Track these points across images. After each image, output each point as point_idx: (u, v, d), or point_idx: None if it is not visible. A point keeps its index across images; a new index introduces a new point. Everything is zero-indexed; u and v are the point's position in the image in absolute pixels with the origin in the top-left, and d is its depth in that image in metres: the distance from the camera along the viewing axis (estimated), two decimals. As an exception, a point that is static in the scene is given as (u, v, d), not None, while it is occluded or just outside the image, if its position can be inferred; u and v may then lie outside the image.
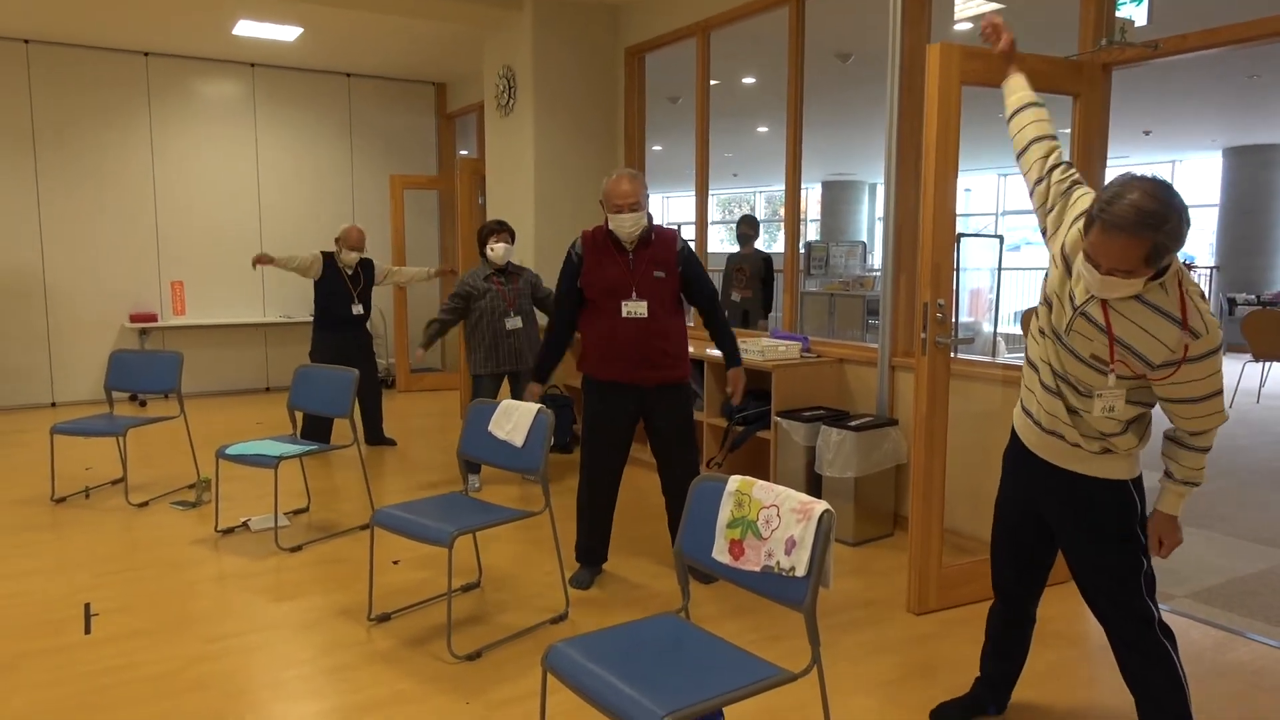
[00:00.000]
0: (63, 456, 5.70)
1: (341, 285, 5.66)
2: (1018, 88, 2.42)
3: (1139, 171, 1.90)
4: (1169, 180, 1.87)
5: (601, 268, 3.41)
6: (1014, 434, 2.36)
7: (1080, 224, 2.05)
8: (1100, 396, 2.04)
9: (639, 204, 3.33)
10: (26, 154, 7.21)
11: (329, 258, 5.67)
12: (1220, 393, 1.99)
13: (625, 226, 3.35)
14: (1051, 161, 2.26)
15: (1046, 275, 2.15)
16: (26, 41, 7.10)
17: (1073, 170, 2.23)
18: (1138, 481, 2.18)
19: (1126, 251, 1.82)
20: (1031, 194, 2.28)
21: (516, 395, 4.99)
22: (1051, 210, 2.19)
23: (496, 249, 4.85)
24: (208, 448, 5.88)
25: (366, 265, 5.82)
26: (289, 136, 8.22)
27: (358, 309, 5.70)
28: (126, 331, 7.68)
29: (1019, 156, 2.35)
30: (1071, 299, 2.05)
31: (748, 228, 6.71)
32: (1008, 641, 2.49)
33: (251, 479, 5.17)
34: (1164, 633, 2.16)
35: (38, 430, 6.54)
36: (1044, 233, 2.21)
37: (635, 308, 3.38)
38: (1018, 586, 2.42)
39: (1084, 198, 2.13)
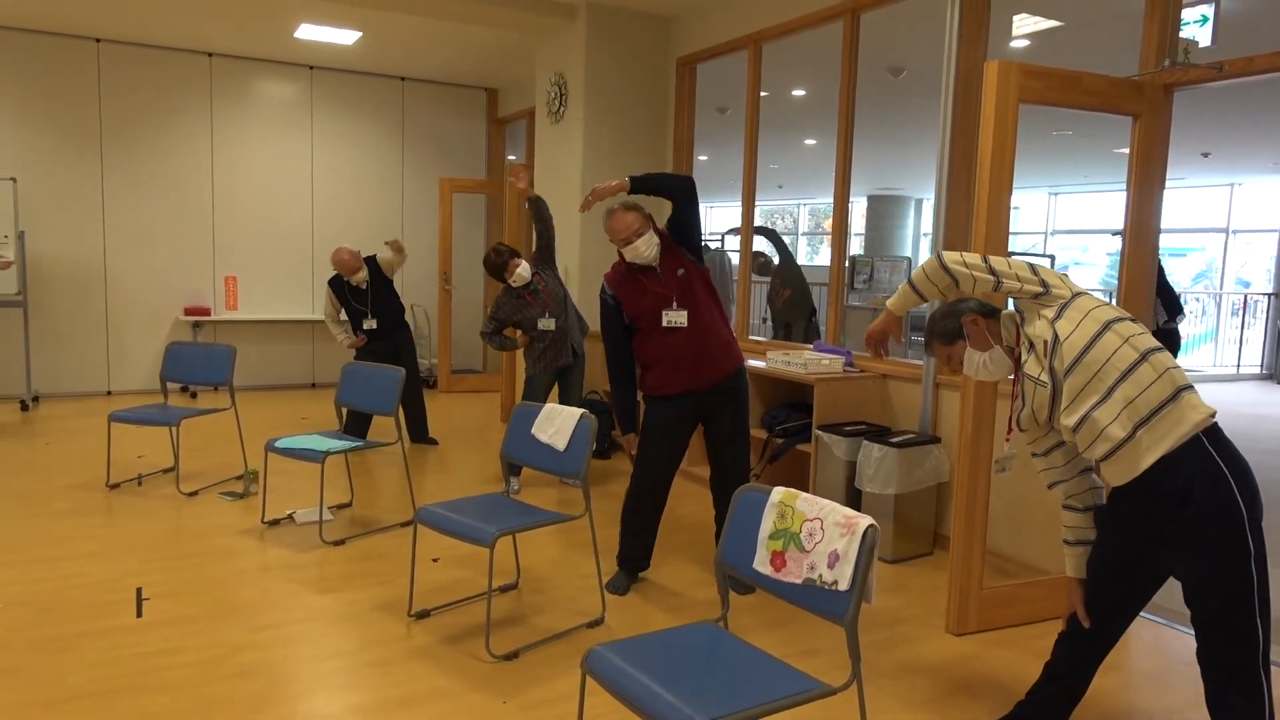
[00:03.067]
0: (117, 444, 5.86)
1: (351, 305, 5.69)
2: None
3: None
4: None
5: (641, 296, 3.43)
6: (1113, 494, 2.28)
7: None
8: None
9: (642, 229, 3.35)
10: (93, 149, 7.45)
11: (335, 283, 5.67)
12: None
13: (642, 253, 3.37)
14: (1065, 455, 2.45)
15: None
16: (98, 40, 7.34)
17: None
18: (1212, 435, 2.11)
19: (942, 357, 2.52)
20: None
21: (565, 391, 5.01)
22: (1043, 414, 2.37)
23: (519, 273, 4.82)
24: (255, 440, 6.01)
25: (375, 272, 5.76)
26: (343, 137, 8.39)
27: (370, 323, 5.69)
28: (180, 324, 7.88)
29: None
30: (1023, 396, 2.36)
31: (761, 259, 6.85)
32: (1075, 665, 2.41)
33: (296, 473, 5.27)
34: (1265, 668, 2.07)
35: (94, 418, 6.73)
36: (1051, 418, 2.35)
37: (675, 317, 3.41)
38: (1107, 630, 2.36)
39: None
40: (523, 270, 4.84)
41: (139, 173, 7.63)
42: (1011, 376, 2.44)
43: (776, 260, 7.08)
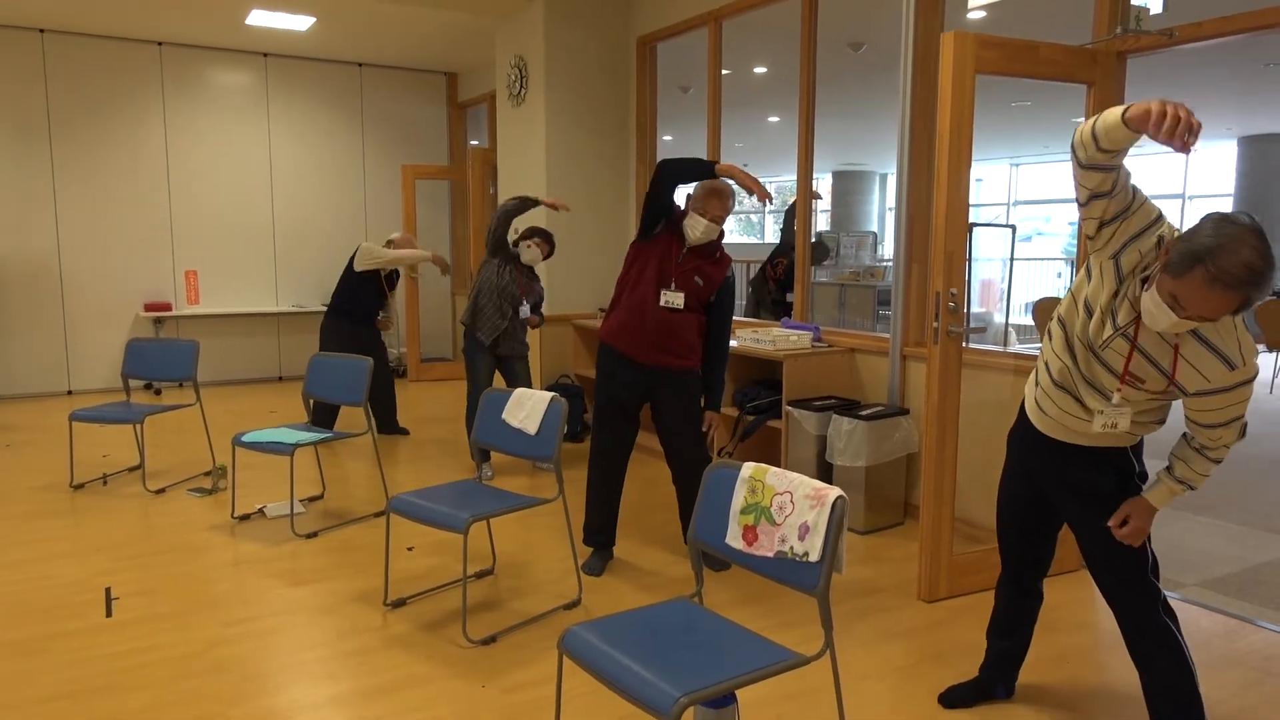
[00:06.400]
0: (80, 444, 5.76)
1: (378, 286, 5.77)
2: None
3: (1220, 211, 1.84)
4: (1257, 226, 1.79)
5: (663, 245, 3.47)
6: (1021, 414, 2.39)
7: (1154, 261, 1.94)
8: (1101, 414, 2.10)
9: (722, 218, 3.42)
10: (42, 143, 7.26)
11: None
12: (1242, 416, 2.01)
13: (697, 231, 3.41)
14: (1136, 191, 2.00)
15: (1089, 279, 2.07)
16: (41, 31, 7.14)
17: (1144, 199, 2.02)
18: (1136, 446, 2.23)
19: (1224, 306, 1.80)
20: (1098, 196, 1.97)
21: (511, 382, 5.02)
22: (1116, 222, 1.97)
23: (531, 250, 4.96)
24: (223, 436, 5.93)
25: (393, 272, 6.00)
26: (301, 126, 8.25)
27: (381, 312, 5.88)
28: (141, 320, 7.74)
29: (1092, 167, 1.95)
30: (1113, 316, 2.02)
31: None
32: (1014, 617, 2.54)
33: (266, 466, 5.22)
34: (1168, 613, 2.21)
35: (55, 418, 6.61)
36: (1088, 237, 2.04)
37: (673, 298, 3.44)
38: (1024, 561, 2.48)
39: (1156, 226, 1.96)
40: (533, 255, 4.98)
41: (91, 167, 7.45)
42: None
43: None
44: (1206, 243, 1.78)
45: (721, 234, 3.52)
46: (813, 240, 5.76)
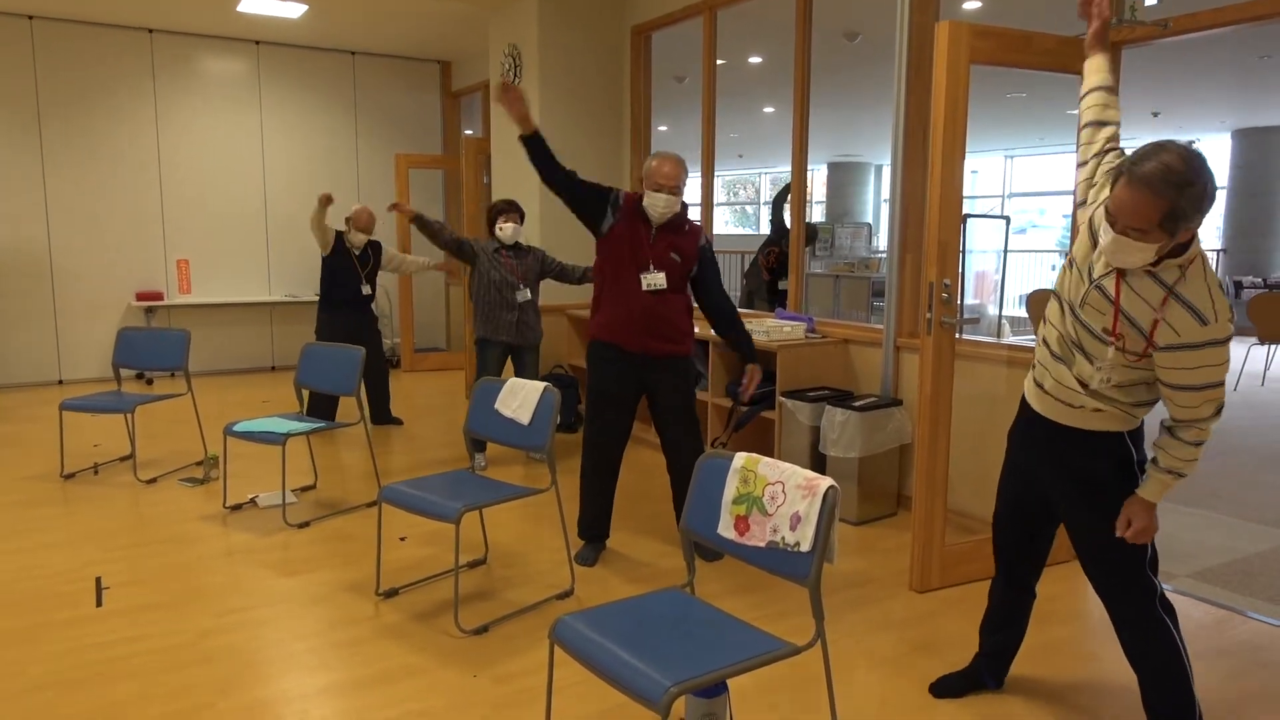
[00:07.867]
0: (71, 433, 5.74)
1: (350, 265, 5.70)
2: (1095, 70, 2.34)
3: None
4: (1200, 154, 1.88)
5: (628, 231, 3.44)
6: (1022, 407, 2.38)
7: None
8: (1099, 369, 2.07)
9: (677, 188, 3.39)
10: (32, 131, 7.21)
11: (339, 237, 5.71)
12: (1219, 385, 1.96)
13: (658, 206, 3.39)
14: (1104, 146, 2.24)
15: (1075, 240, 2.20)
16: (30, 18, 7.08)
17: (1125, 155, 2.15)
18: (1134, 433, 2.19)
19: (1146, 209, 1.83)
20: (1079, 167, 2.29)
21: (520, 372, 5.01)
22: (1094, 185, 2.20)
23: (505, 229, 4.87)
24: (215, 425, 5.91)
25: (375, 247, 5.87)
26: (294, 115, 8.21)
27: (366, 289, 5.76)
28: (133, 310, 7.70)
29: (1079, 132, 2.34)
30: (1090, 271, 2.08)
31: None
32: (1008, 612, 2.53)
33: (258, 456, 5.21)
34: (1164, 608, 2.19)
35: (46, 408, 6.58)
36: (1080, 204, 2.24)
37: (655, 280, 3.42)
38: (1019, 558, 2.47)
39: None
40: (510, 230, 4.90)
41: (82, 155, 7.40)
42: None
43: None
44: (1135, 154, 1.89)
45: (685, 206, 3.49)
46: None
